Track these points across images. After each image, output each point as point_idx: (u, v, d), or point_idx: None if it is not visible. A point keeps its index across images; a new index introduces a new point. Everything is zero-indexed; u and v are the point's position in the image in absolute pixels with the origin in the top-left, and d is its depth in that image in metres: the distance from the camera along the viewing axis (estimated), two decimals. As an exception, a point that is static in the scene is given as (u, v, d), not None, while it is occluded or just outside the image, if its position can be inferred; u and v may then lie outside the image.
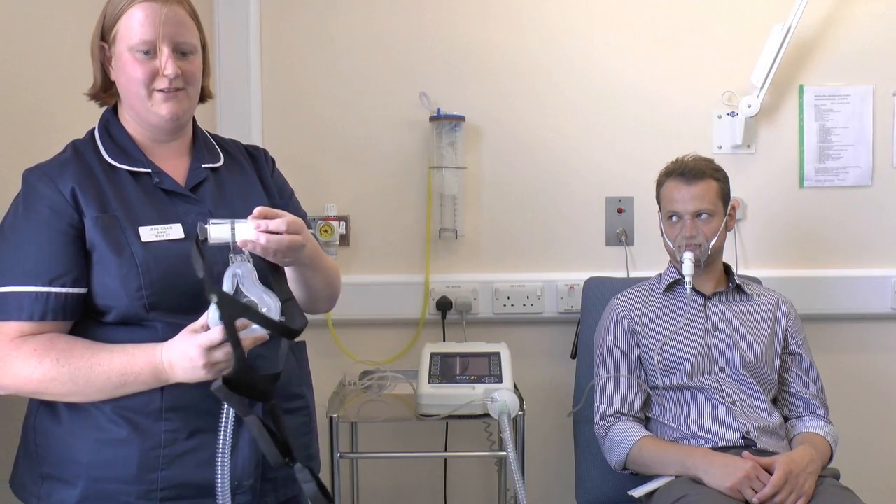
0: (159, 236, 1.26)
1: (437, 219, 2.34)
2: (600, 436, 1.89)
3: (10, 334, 1.21)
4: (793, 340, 1.94)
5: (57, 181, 1.25)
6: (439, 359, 2.00)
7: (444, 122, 2.27)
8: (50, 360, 1.19)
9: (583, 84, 2.35)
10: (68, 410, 1.25)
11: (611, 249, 2.38)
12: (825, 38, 2.35)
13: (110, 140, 1.32)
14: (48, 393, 1.22)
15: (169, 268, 1.24)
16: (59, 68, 1.68)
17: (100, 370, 1.20)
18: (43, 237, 1.22)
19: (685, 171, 1.89)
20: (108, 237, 1.23)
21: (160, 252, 1.25)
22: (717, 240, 1.88)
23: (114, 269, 1.22)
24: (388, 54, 2.34)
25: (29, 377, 1.19)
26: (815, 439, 1.81)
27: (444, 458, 2.39)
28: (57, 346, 1.20)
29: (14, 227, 1.24)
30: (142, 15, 1.24)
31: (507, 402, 1.81)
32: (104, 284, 1.23)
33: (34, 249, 1.22)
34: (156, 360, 1.19)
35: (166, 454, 1.24)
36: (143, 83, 1.26)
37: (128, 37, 1.25)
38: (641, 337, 1.92)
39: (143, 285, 1.22)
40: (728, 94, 2.33)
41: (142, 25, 1.24)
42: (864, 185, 2.38)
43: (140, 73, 1.25)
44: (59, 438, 1.25)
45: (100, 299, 1.24)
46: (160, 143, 1.35)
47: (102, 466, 1.23)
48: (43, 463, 1.26)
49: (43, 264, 1.21)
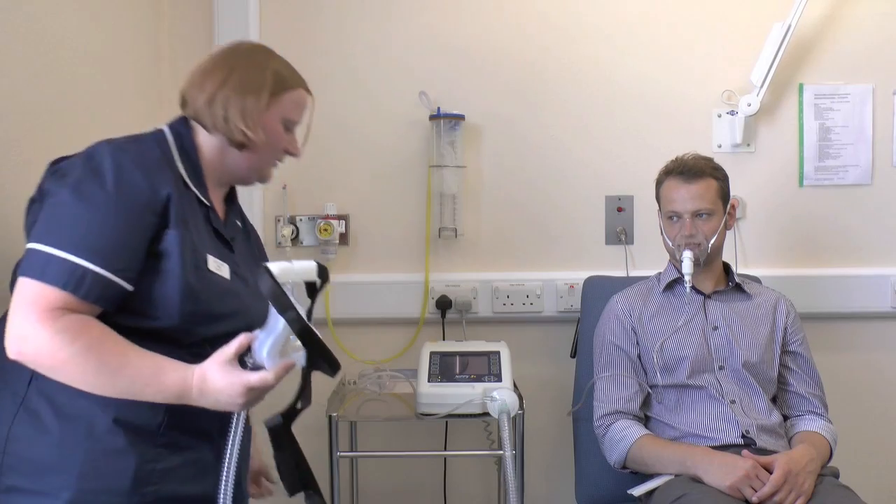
0: (218, 269, 1.30)
1: (436, 218, 2.34)
2: (600, 434, 1.89)
3: (51, 303, 1.14)
4: (792, 339, 1.94)
5: (154, 180, 1.24)
6: (439, 358, 2.00)
7: (443, 120, 2.27)
8: (81, 343, 1.13)
9: (583, 83, 2.35)
10: (57, 418, 1.19)
11: (610, 248, 2.38)
12: (825, 37, 2.35)
13: (186, 159, 1.33)
14: (64, 375, 1.15)
15: (220, 302, 1.28)
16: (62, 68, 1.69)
17: (128, 372, 1.16)
18: (127, 227, 1.20)
19: (685, 170, 1.89)
20: (185, 256, 1.23)
21: (214, 283, 1.29)
22: (717, 239, 1.88)
23: (176, 286, 1.22)
24: (388, 53, 2.34)
25: (54, 353, 1.13)
26: (814, 438, 1.81)
27: (444, 457, 2.38)
28: (92, 333, 1.15)
29: (98, 202, 1.19)
30: (307, 99, 1.44)
31: (506, 401, 1.81)
32: (162, 294, 1.22)
33: (115, 234, 1.18)
34: (186, 380, 1.17)
35: (161, 468, 1.23)
36: (279, 150, 1.40)
37: (286, 111, 1.39)
38: (641, 336, 1.92)
39: (199, 311, 1.24)
40: (728, 93, 2.33)
41: (302, 109, 1.43)
42: (864, 184, 2.38)
43: (282, 141, 1.39)
44: (41, 447, 1.18)
45: (146, 304, 1.22)
46: (216, 185, 1.40)
47: (95, 478, 1.18)
48: (10, 474, 1.18)
49: (118, 252, 1.18)
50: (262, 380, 1.14)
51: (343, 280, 2.31)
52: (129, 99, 2.06)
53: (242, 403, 1.16)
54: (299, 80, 1.42)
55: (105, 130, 1.87)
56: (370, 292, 2.32)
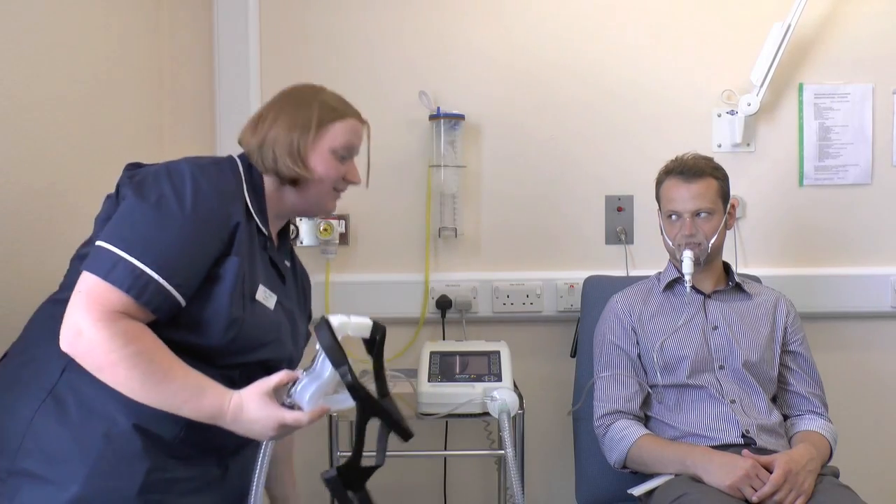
0: (265, 300, 1.35)
1: (436, 217, 2.34)
2: (600, 434, 1.89)
3: (112, 304, 1.18)
4: (792, 339, 1.94)
5: (228, 207, 1.30)
6: (439, 357, 2.00)
7: (443, 120, 2.27)
8: (133, 349, 1.17)
9: (582, 83, 2.35)
10: (80, 413, 1.21)
11: (610, 248, 2.38)
12: (825, 37, 2.35)
13: (252, 189, 1.38)
14: (110, 376, 1.18)
15: (261, 332, 1.33)
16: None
17: (171, 386, 1.19)
18: (193, 245, 1.25)
19: (685, 170, 1.89)
20: (237, 284, 1.28)
21: (261, 315, 1.33)
22: (717, 238, 1.88)
23: (225, 313, 1.26)
24: (388, 53, 2.34)
25: (106, 355, 1.17)
26: (814, 437, 1.81)
27: (444, 456, 2.39)
28: (145, 341, 1.19)
29: (173, 218, 1.24)
30: (359, 127, 1.47)
31: (506, 400, 1.81)
32: (209, 315, 1.26)
33: (182, 251, 1.23)
34: (223, 405, 1.21)
35: (168, 478, 1.25)
36: (333, 181, 1.44)
37: (336, 141, 1.42)
38: (641, 335, 1.92)
39: (239, 338, 1.28)
40: (727, 93, 2.33)
41: (354, 137, 1.46)
42: (864, 184, 2.38)
43: (335, 172, 1.42)
44: (59, 438, 1.20)
45: (192, 322, 1.26)
46: (276, 219, 1.45)
47: (104, 477, 1.20)
48: (24, 458, 1.20)
49: (181, 268, 1.23)
50: (297, 420, 1.21)
51: (343, 280, 2.31)
52: (130, 99, 2.06)
53: (272, 436, 1.22)
54: (348, 109, 1.47)
55: (105, 130, 1.88)
56: (370, 292, 2.32)
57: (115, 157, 1.86)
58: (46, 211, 1.63)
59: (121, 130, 1.97)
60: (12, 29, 1.53)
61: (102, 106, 1.89)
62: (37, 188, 1.60)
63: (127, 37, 2.05)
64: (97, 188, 1.76)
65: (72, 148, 1.74)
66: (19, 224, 1.56)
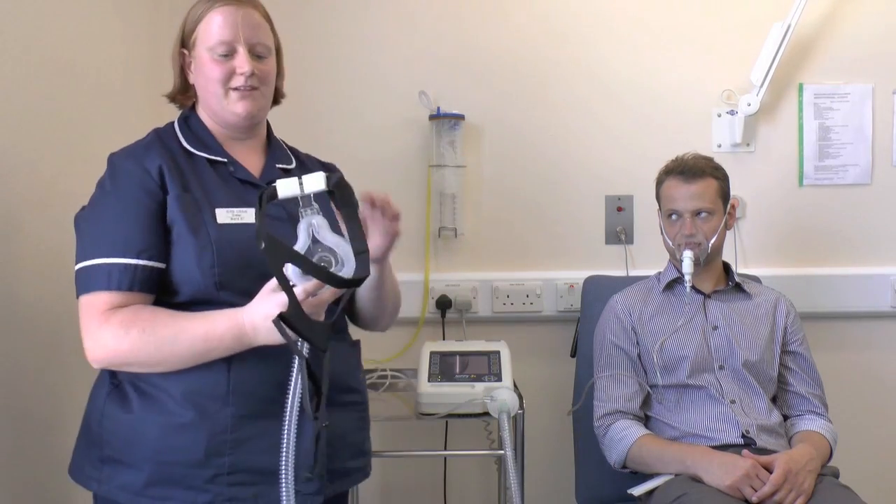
0: (234, 219, 1.32)
1: (436, 217, 2.34)
2: (600, 434, 1.89)
3: (100, 306, 1.24)
4: (792, 339, 1.94)
5: (143, 160, 1.31)
6: (439, 357, 2.00)
7: (443, 120, 2.27)
8: (136, 329, 1.22)
9: (582, 82, 2.35)
10: (138, 397, 1.27)
11: (610, 248, 2.38)
12: (824, 37, 2.35)
13: (189, 131, 1.40)
14: (135, 363, 1.25)
15: (242, 249, 1.29)
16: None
17: (184, 338, 1.23)
18: (131, 212, 1.27)
19: (685, 170, 1.89)
20: (187, 216, 1.28)
21: (234, 234, 1.30)
22: (717, 238, 1.88)
23: (190, 248, 1.27)
24: (388, 53, 2.34)
25: (117, 348, 1.23)
26: (814, 438, 1.81)
27: (444, 456, 2.39)
28: (142, 317, 1.24)
29: (102, 203, 1.30)
30: (220, 18, 1.34)
31: (506, 400, 1.81)
32: (180, 262, 1.28)
33: (122, 224, 1.27)
34: (238, 323, 1.23)
35: (232, 438, 1.26)
36: (220, 82, 1.34)
37: (207, 39, 1.34)
38: (641, 335, 1.92)
39: (216, 263, 1.27)
40: (727, 93, 2.33)
41: (220, 28, 1.33)
42: (864, 184, 2.38)
43: (218, 72, 1.34)
44: (127, 424, 1.27)
45: (174, 276, 1.29)
46: (236, 140, 1.42)
47: (170, 451, 1.25)
48: (106, 446, 1.28)
49: (131, 238, 1.26)
50: (304, 291, 1.17)
51: (343, 280, 2.31)
52: (130, 99, 2.06)
53: (277, 305, 1.17)
54: (208, 1, 1.36)
55: (106, 131, 1.88)
56: (370, 292, 2.32)
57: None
58: (46, 212, 1.63)
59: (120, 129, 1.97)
60: (8, 29, 1.53)
61: (103, 106, 1.89)
62: (36, 189, 1.60)
63: (126, 37, 2.05)
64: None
65: (71, 149, 1.74)
66: (19, 224, 1.55)
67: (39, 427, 1.60)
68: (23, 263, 1.56)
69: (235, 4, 1.35)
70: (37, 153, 1.62)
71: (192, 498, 1.25)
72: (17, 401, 1.53)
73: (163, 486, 1.25)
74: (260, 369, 1.27)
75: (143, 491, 1.25)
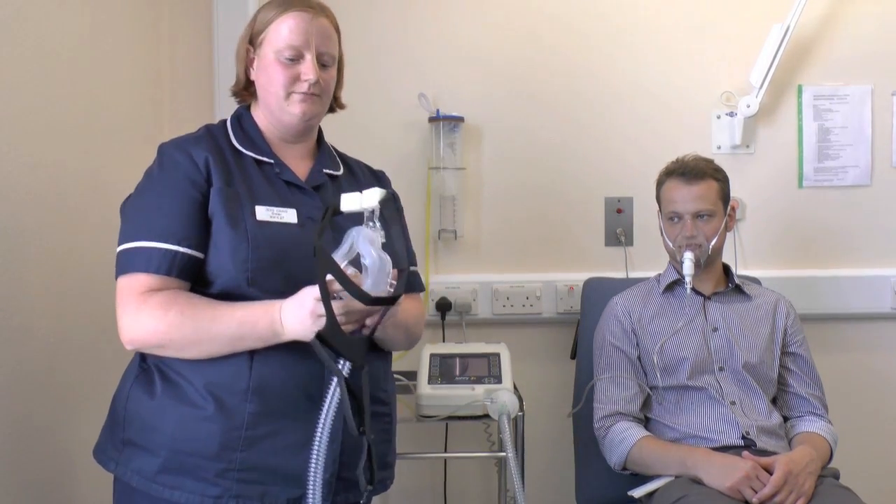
0: (273, 217, 1.33)
1: (436, 219, 2.34)
2: (600, 436, 1.89)
3: (138, 288, 1.27)
4: (792, 340, 1.94)
5: (192, 151, 1.34)
6: (439, 360, 2.00)
7: (443, 122, 2.27)
8: (174, 311, 1.25)
9: (582, 84, 2.35)
10: (163, 383, 1.29)
11: (610, 250, 2.38)
12: (824, 38, 2.36)
13: (241, 130, 1.43)
14: (171, 344, 1.26)
15: (278, 248, 1.31)
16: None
17: (220, 321, 1.25)
18: (175, 200, 1.30)
19: (685, 172, 1.89)
20: (227, 209, 1.30)
21: (272, 231, 1.32)
22: (717, 240, 1.89)
23: (227, 240, 1.29)
24: (388, 55, 2.34)
25: (155, 329, 1.25)
26: (814, 439, 1.81)
27: (444, 458, 2.38)
28: (180, 301, 1.27)
29: (149, 190, 1.34)
30: (293, 23, 1.36)
31: (506, 402, 1.81)
32: (216, 253, 1.30)
33: (166, 211, 1.30)
34: (273, 312, 1.25)
35: (247, 436, 1.27)
36: (283, 85, 1.37)
37: (276, 41, 1.36)
38: (641, 337, 1.92)
39: (251, 258, 1.28)
40: (727, 95, 2.33)
41: (291, 32, 1.36)
42: (863, 185, 2.38)
43: (283, 75, 1.36)
44: (149, 408, 1.29)
45: (210, 267, 1.31)
46: (287, 143, 1.45)
47: (186, 440, 1.26)
48: (128, 428, 1.30)
49: (174, 225, 1.29)
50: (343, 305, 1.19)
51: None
52: (130, 100, 2.06)
53: (311, 312, 1.20)
54: (288, 5, 1.38)
55: (105, 131, 1.88)
56: (370, 294, 2.32)
57: (115, 159, 1.87)
58: (47, 213, 1.63)
59: (121, 129, 1.97)
60: (8, 30, 1.53)
61: (102, 105, 1.89)
62: (37, 190, 1.60)
63: (126, 38, 2.05)
64: (97, 189, 1.77)
65: (71, 150, 1.74)
66: (19, 225, 1.55)
67: (40, 427, 1.60)
68: (23, 263, 1.56)
69: (311, 12, 1.38)
70: (39, 153, 1.61)
71: (201, 489, 1.26)
72: (18, 401, 1.53)
73: (175, 475, 1.26)
74: (281, 368, 1.28)
75: (156, 477, 1.27)
